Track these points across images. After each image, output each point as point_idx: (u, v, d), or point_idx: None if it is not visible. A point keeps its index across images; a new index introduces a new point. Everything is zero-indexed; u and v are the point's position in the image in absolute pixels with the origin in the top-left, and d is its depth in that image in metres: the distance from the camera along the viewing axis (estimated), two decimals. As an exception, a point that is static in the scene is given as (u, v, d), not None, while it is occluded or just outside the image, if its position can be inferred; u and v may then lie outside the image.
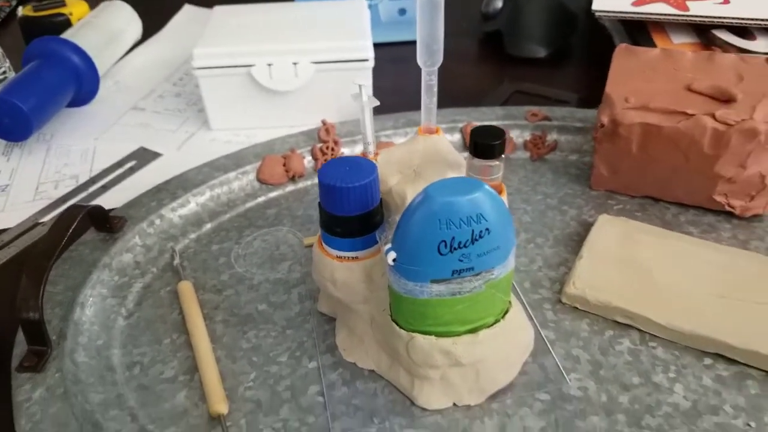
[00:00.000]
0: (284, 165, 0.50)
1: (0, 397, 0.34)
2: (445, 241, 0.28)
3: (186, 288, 0.40)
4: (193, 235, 0.45)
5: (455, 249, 0.29)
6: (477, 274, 0.30)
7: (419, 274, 0.29)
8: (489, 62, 0.68)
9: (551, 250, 0.43)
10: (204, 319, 0.38)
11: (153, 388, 0.35)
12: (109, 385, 0.35)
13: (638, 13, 0.56)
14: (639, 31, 0.60)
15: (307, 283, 0.41)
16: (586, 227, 0.44)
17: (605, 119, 0.43)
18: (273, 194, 0.49)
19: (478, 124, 0.53)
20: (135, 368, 0.36)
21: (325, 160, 0.51)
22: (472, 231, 0.28)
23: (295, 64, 0.53)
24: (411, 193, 0.35)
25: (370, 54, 0.54)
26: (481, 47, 0.72)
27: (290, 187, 0.50)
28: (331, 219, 0.33)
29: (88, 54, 0.58)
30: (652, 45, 0.58)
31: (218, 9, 0.59)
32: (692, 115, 0.40)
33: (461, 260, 0.29)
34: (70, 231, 0.37)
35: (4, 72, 0.59)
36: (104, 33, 0.64)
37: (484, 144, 0.33)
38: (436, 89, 0.36)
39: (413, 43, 0.34)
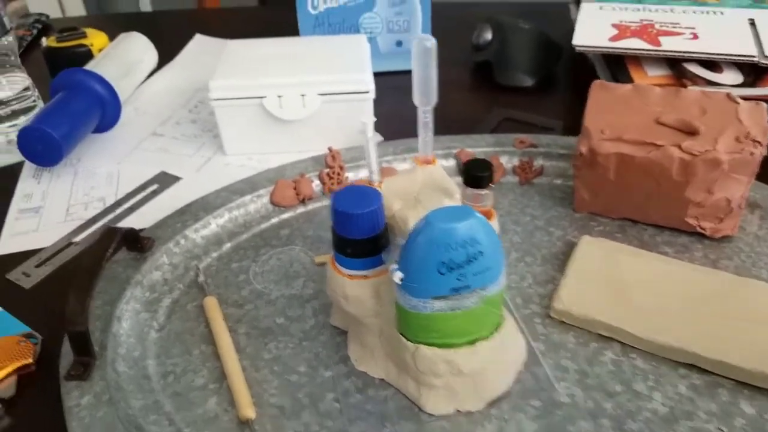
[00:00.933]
0: (295, 189, 0.55)
1: (50, 403, 0.39)
2: (444, 263, 0.33)
3: (211, 303, 0.44)
4: (214, 254, 0.50)
5: (453, 269, 0.33)
6: (473, 292, 0.34)
7: (422, 291, 0.34)
8: (480, 90, 0.73)
9: (540, 268, 0.48)
10: (228, 332, 0.43)
11: (186, 395, 0.39)
12: (147, 393, 0.39)
13: (615, 48, 0.62)
14: (617, 63, 0.65)
15: (319, 299, 0.46)
16: (571, 247, 0.49)
17: (584, 149, 0.48)
18: (285, 216, 0.54)
19: (471, 150, 0.58)
20: (169, 377, 0.40)
21: (332, 184, 0.56)
22: (467, 253, 0.33)
23: (302, 95, 0.58)
24: (412, 218, 0.39)
25: (371, 86, 0.59)
26: (473, 76, 0.77)
27: (301, 209, 0.54)
28: (342, 241, 0.37)
29: (110, 84, 0.62)
30: (629, 77, 0.63)
31: (231, 43, 0.64)
32: (661, 146, 0.45)
33: (458, 279, 0.34)
34: (109, 250, 0.42)
35: (34, 101, 0.63)
36: (124, 63, 0.68)
37: (474, 175, 0.38)
38: (431, 125, 0.41)
39: (410, 72, 0.39)
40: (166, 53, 0.81)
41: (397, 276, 0.34)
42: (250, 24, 0.94)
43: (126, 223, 0.54)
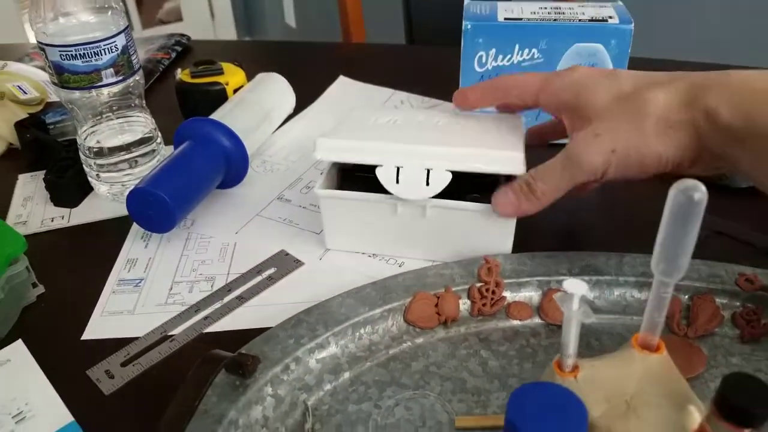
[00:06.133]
0: (436, 305, 0.43)
1: None
2: None
3: (317, 470, 0.34)
4: (329, 386, 0.39)
5: None
6: None
7: None
8: (670, 182, 0.58)
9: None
10: None
11: None
12: None
13: None
14: None
15: (457, 485, 0.34)
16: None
17: None
18: (420, 340, 0.42)
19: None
20: None
21: (484, 304, 0.43)
22: None
23: (428, 170, 0.45)
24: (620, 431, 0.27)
25: (521, 169, 0.45)
26: (669, 162, 0.62)
27: (441, 333, 0.43)
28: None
29: (240, 139, 0.54)
30: None
31: (357, 108, 0.53)
32: None
33: None
34: (204, 391, 0.33)
35: (154, 148, 0.57)
36: (258, 112, 0.61)
37: (740, 407, 0.24)
38: (667, 302, 0.28)
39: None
40: (304, 92, 0.72)
41: None
42: (399, 65, 0.85)
43: (233, 318, 0.45)
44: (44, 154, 0.63)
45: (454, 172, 0.45)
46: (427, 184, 0.45)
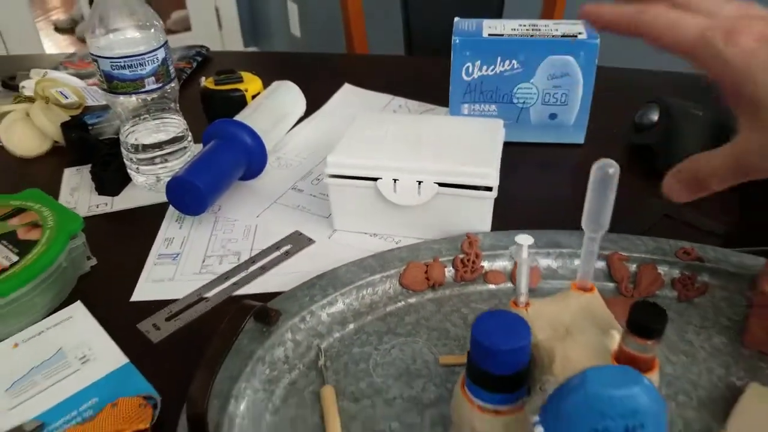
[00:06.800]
0: (426, 272, 0.52)
1: (161, 477, 0.38)
2: (597, 430, 0.29)
3: (328, 394, 0.43)
4: (337, 334, 0.48)
5: (607, 440, 0.29)
6: (625, 465, 0.30)
7: (567, 456, 0.30)
8: (636, 176, 0.67)
9: (694, 413, 0.41)
10: (341, 429, 0.40)
11: (292, 494, 0.37)
12: (253, 485, 0.38)
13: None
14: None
15: (439, 407, 0.42)
16: (734, 393, 0.42)
17: (767, 288, 0.41)
18: (412, 300, 0.51)
19: (626, 254, 0.52)
20: (277, 470, 0.39)
21: (465, 272, 0.52)
22: (626, 425, 0.28)
23: (419, 182, 0.54)
24: (560, 352, 0.35)
25: (495, 183, 0.54)
26: (630, 159, 0.71)
27: (429, 295, 0.52)
28: (479, 373, 0.34)
29: (260, 137, 0.63)
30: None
31: (359, 116, 0.62)
32: None
33: (611, 451, 0.29)
34: (239, 330, 0.42)
35: (185, 146, 0.66)
36: (274, 114, 0.70)
37: (645, 325, 0.33)
38: (596, 253, 0.36)
39: (561, 146, 0.35)
40: (313, 98, 0.81)
41: (538, 430, 0.30)
42: (397, 74, 0.94)
43: (256, 284, 0.54)
44: (85, 151, 0.72)
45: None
46: (419, 193, 0.55)
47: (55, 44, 3.22)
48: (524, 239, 0.36)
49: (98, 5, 0.57)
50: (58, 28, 3.35)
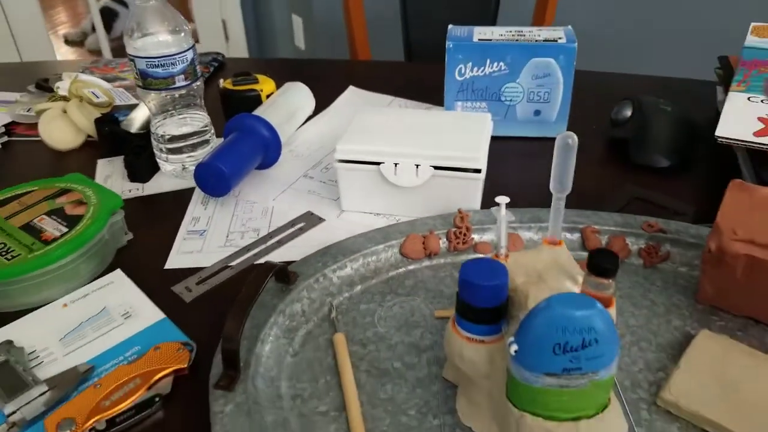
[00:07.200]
0: (423, 243, 0.59)
1: (198, 405, 0.45)
2: (559, 344, 0.36)
3: (340, 339, 0.50)
4: (346, 294, 0.55)
5: (567, 351, 0.36)
6: (584, 374, 0.37)
7: (535, 366, 0.37)
8: (613, 166, 0.75)
9: (653, 354, 0.48)
10: (352, 368, 0.48)
11: (310, 417, 0.44)
12: (278, 410, 0.45)
13: (759, 143, 0.61)
14: (762, 158, 0.64)
15: (434, 350, 0.50)
16: (688, 338, 0.49)
17: (713, 246, 0.49)
18: (411, 267, 0.59)
19: (597, 227, 0.60)
20: (297, 399, 0.46)
21: (458, 243, 0.60)
22: (583, 339, 0.36)
23: (417, 166, 0.62)
24: (533, 293, 0.42)
25: (482, 165, 0.62)
26: (608, 151, 0.78)
27: (426, 263, 0.59)
28: (466, 307, 0.41)
29: (275, 129, 0.71)
30: (774, 173, 0.61)
31: (364, 110, 0.70)
32: (796, 255, 0.45)
33: (571, 361, 0.36)
34: (265, 283, 0.49)
35: (209, 137, 0.74)
36: (287, 110, 0.77)
37: (599, 265, 0.41)
38: (563, 211, 0.44)
39: (545, 139, 0.42)
40: (321, 99, 0.90)
41: (513, 348, 0.37)
42: (398, 78, 1.02)
43: (274, 255, 0.61)
44: (116, 143, 0.79)
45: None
46: (417, 175, 0.62)
47: (65, 57, 3.31)
48: (502, 199, 0.44)
49: (135, 12, 0.65)
50: (69, 41, 3.44)
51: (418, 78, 1.01)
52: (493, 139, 0.66)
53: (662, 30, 1.70)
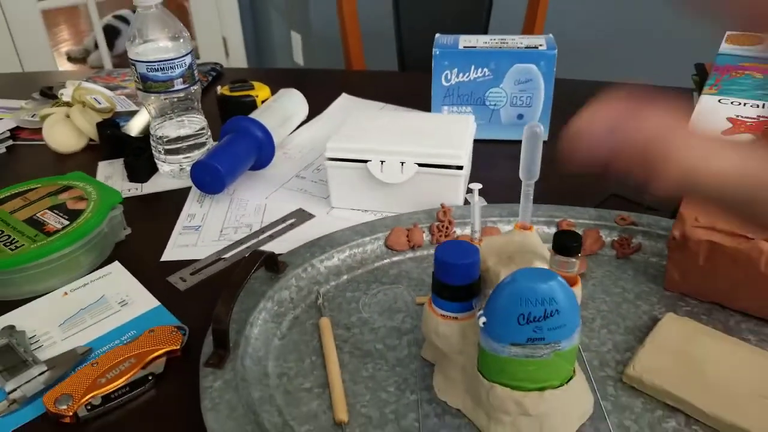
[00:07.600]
0: (407, 236, 0.62)
1: (189, 383, 0.48)
2: (523, 314, 0.39)
3: (325, 323, 0.53)
4: (333, 283, 0.58)
5: (530, 321, 0.39)
6: (547, 344, 0.39)
7: (502, 336, 0.40)
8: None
9: (621, 337, 0.51)
10: (336, 349, 0.50)
11: (295, 394, 0.47)
12: (264, 387, 0.47)
13: (728, 142, 0.64)
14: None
15: (414, 333, 0.52)
16: (655, 322, 0.52)
17: (677, 233, 0.52)
18: (396, 258, 0.61)
19: (573, 221, 0.63)
20: (283, 377, 0.48)
21: (440, 236, 0.63)
22: (545, 310, 0.39)
23: (402, 163, 0.65)
24: (504, 273, 0.45)
25: (464, 162, 0.65)
26: (589, 152, 0.81)
27: (410, 254, 0.62)
28: (441, 286, 0.44)
29: (269, 131, 0.74)
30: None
31: (354, 113, 0.74)
32: (752, 239, 0.48)
33: (535, 331, 0.39)
34: (253, 270, 0.52)
35: (206, 139, 0.77)
36: (281, 115, 0.81)
37: (563, 244, 0.43)
38: (531, 197, 0.47)
39: None
40: (315, 106, 0.93)
41: (481, 320, 0.40)
42: (390, 86, 1.05)
43: (266, 248, 0.64)
44: (117, 146, 0.83)
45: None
46: (402, 172, 0.66)
47: (68, 73, 3.36)
48: (475, 185, 0.47)
49: (137, 20, 0.69)
50: (71, 58, 3.50)
51: (409, 86, 1.04)
52: (478, 142, 0.70)
53: (650, 40, 1.76)
